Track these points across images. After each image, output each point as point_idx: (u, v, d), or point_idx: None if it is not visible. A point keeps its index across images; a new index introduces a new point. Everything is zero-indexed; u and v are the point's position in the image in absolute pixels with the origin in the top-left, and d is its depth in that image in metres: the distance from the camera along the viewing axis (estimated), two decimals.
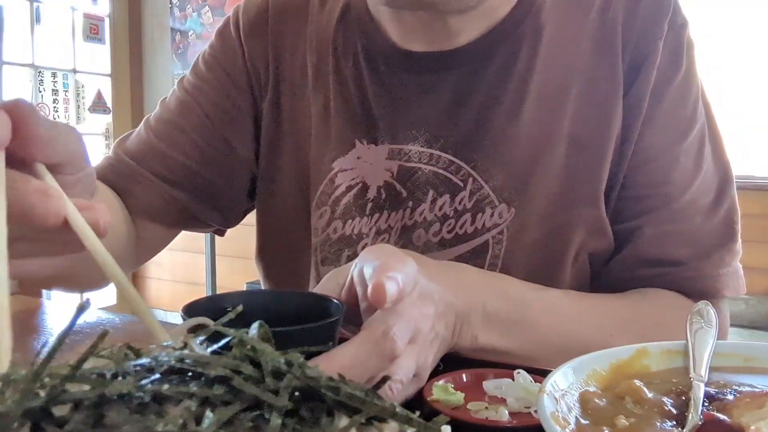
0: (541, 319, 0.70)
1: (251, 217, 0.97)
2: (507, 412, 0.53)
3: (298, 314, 0.60)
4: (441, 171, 0.80)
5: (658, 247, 0.79)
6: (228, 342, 0.37)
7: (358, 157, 0.83)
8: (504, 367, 0.60)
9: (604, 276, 0.82)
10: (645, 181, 0.79)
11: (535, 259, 0.79)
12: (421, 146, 0.80)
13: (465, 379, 0.59)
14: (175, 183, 0.87)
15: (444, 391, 0.55)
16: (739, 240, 0.82)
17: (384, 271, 0.52)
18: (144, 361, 0.33)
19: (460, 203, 0.79)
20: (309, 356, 0.39)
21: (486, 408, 0.54)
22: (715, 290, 0.79)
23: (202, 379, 0.33)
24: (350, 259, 0.81)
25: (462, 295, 0.64)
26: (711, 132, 0.83)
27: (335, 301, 0.58)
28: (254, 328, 0.38)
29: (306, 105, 0.87)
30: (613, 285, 0.81)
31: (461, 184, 0.79)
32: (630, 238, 0.80)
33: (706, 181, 0.81)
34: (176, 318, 0.56)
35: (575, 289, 0.80)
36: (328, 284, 0.63)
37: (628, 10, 0.79)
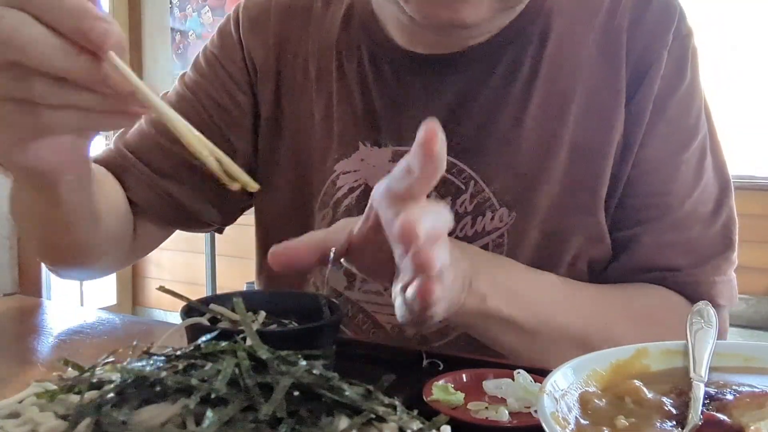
0: (545, 293, 0.72)
1: (251, 217, 0.97)
2: (507, 412, 0.53)
3: (297, 314, 0.60)
4: (443, 173, 0.80)
5: (656, 255, 0.79)
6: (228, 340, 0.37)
7: (362, 160, 0.82)
8: (504, 367, 0.60)
9: (602, 282, 0.82)
10: (644, 191, 0.79)
11: (533, 263, 0.78)
12: None
13: (465, 379, 0.59)
14: (172, 177, 0.87)
15: (444, 391, 0.55)
16: (736, 250, 0.82)
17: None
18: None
19: (461, 206, 0.79)
20: (308, 357, 0.39)
21: (486, 408, 0.54)
22: (709, 297, 0.79)
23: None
24: None
25: (468, 257, 0.65)
26: (712, 142, 0.83)
27: (335, 301, 0.58)
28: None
29: (307, 106, 0.86)
30: None
31: (463, 187, 0.79)
32: (628, 246, 0.80)
33: (706, 191, 0.81)
34: (176, 318, 0.56)
35: None
36: (338, 231, 0.62)
37: (633, 19, 0.79)
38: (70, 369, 0.41)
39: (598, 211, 0.79)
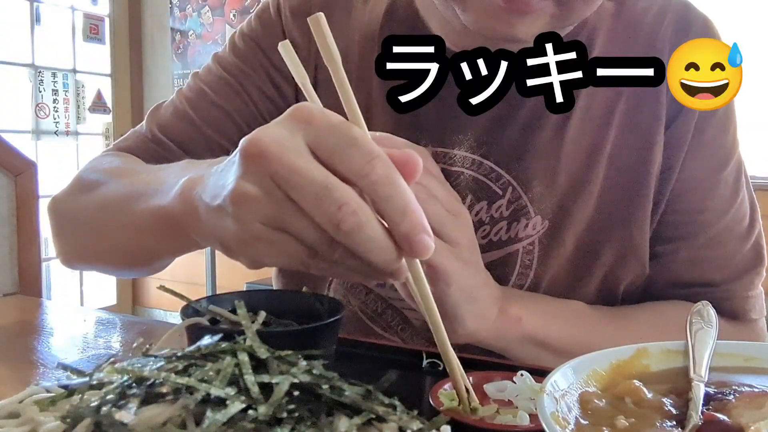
0: (575, 314, 0.74)
1: None
2: (528, 416, 0.51)
3: (297, 314, 0.60)
4: (481, 177, 0.80)
5: (692, 271, 0.80)
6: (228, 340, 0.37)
7: None
8: (507, 368, 0.60)
9: (636, 298, 0.82)
10: (682, 208, 0.80)
11: (564, 274, 0.79)
12: (466, 151, 0.80)
13: (471, 382, 0.58)
14: None
15: (450, 398, 0.54)
16: (766, 264, 0.83)
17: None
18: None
19: (497, 211, 0.79)
20: (308, 357, 0.39)
21: (497, 412, 0.52)
22: (743, 311, 0.81)
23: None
24: None
25: (496, 285, 0.70)
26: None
27: (336, 300, 0.58)
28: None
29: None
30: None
31: (500, 192, 0.79)
32: (664, 261, 0.81)
33: (742, 208, 0.82)
34: (176, 318, 0.56)
35: None
36: None
37: (674, 41, 0.79)
38: (68, 374, 0.41)
39: (632, 229, 0.79)
